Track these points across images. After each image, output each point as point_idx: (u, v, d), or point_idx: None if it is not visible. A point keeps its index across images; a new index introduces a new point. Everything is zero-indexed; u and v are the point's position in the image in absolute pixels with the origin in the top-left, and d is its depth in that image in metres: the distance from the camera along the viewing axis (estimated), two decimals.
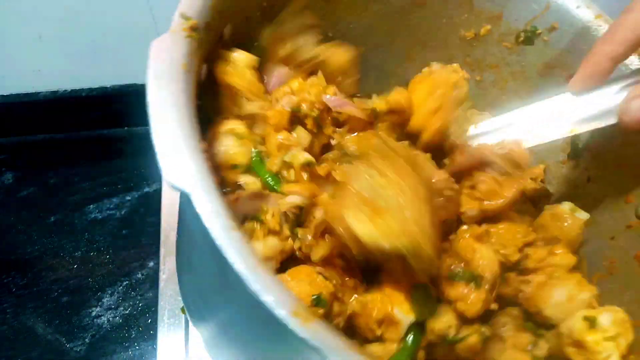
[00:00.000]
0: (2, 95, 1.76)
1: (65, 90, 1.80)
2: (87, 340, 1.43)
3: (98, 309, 1.43)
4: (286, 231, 0.84)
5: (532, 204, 1.21)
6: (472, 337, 0.84)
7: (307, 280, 0.77)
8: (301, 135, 0.97)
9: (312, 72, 1.06)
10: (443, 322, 0.84)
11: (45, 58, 1.71)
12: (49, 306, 1.48)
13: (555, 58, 1.20)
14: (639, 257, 1.00)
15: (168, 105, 0.70)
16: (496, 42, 1.30)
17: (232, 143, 0.92)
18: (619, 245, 1.06)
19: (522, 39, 1.25)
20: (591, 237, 1.15)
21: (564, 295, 0.93)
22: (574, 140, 1.20)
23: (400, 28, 1.33)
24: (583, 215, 1.20)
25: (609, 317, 0.87)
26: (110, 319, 1.42)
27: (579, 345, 0.87)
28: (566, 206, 1.20)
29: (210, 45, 0.93)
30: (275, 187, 0.88)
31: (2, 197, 1.71)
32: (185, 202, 0.69)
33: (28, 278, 1.53)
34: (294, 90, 0.95)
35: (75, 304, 1.44)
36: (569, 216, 1.10)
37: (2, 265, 1.56)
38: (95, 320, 1.45)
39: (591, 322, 0.87)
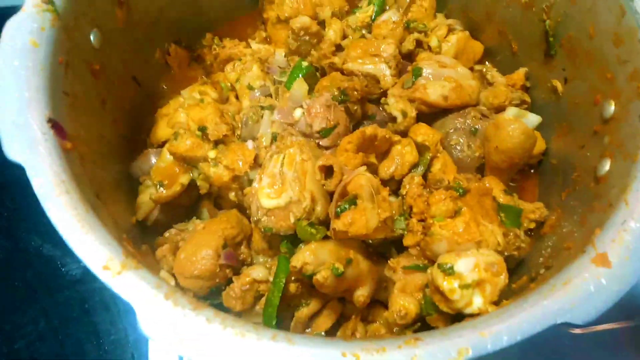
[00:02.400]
0: None
1: None
2: (82, 262, 1.66)
3: None
4: None
5: None
6: (322, 272, 0.95)
7: None
8: None
9: None
10: (297, 260, 0.97)
11: None
12: (42, 229, 1.55)
13: None
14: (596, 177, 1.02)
15: (11, 83, 0.84)
16: None
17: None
18: (586, 155, 1.12)
19: None
20: (566, 149, 1.23)
21: (443, 248, 0.99)
22: (547, 34, 1.24)
23: None
24: (532, 119, 1.24)
25: (468, 263, 0.92)
26: None
27: (440, 292, 0.93)
28: (510, 112, 1.23)
29: (96, 7, 1.04)
30: None
31: None
32: None
33: (16, 201, 1.61)
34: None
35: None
36: (512, 123, 1.13)
37: None
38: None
39: (447, 269, 0.92)
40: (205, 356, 0.68)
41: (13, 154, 0.80)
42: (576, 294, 0.74)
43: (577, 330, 1.47)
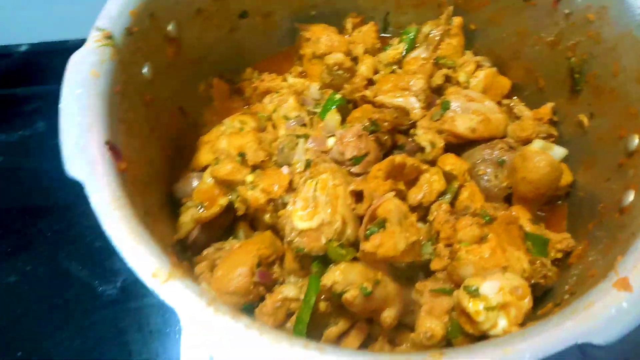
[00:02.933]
0: None
1: None
2: (118, 284, 1.63)
3: None
4: None
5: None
6: (351, 291, 1.00)
7: None
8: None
9: None
10: (327, 279, 1.02)
11: None
12: (83, 251, 1.63)
13: None
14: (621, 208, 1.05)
15: (74, 109, 0.93)
16: None
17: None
18: (611, 187, 1.15)
19: None
20: (592, 181, 1.27)
21: (470, 273, 1.02)
22: (572, 72, 1.30)
23: None
24: (558, 152, 1.27)
25: (494, 286, 0.95)
26: None
27: (466, 314, 0.96)
28: (536, 144, 1.27)
29: (149, 44, 1.15)
30: None
31: (35, 144, 1.86)
32: None
33: (62, 224, 1.68)
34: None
35: (107, 249, 1.70)
36: (538, 155, 1.17)
37: (38, 211, 1.73)
38: (126, 265, 1.72)
39: (473, 291, 0.95)
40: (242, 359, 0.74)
41: (74, 172, 0.89)
42: (598, 316, 0.76)
43: None
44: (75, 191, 0.89)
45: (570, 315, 0.78)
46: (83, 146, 0.91)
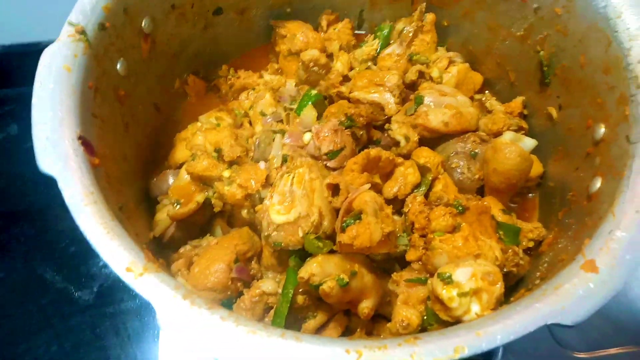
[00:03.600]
0: None
1: None
2: (95, 289, 1.59)
3: None
4: None
5: None
6: (328, 282, 1.01)
7: None
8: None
9: None
10: (304, 271, 1.02)
11: None
12: (57, 255, 1.63)
13: None
14: (589, 195, 1.08)
15: (46, 103, 0.92)
16: None
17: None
18: (580, 176, 1.18)
19: None
20: (562, 171, 1.30)
21: (444, 262, 1.04)
22: (541, 65, 1.33)
23: None
24: (528, 143, 1.31)
25: (466, 273, 0.97)
26: None
27: (440, 301, 0.98)
28: (507, 136, 1.30)
29: (123, 39, 1.14)
30: None
31: (8, 147, 1.85)
32: None
33: (37, 228, 1.68)
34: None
35: (82, 254, 1.58)
36: (509, 146, 1.20)
37: (11, 215, 1.71)
38: (102, 270, 1.59)
39: (446, 278, 0.97)
40: (219, 351, 0.74)
41: (46, 167, 0.88)
42: (566, 298, 0.79)
43: (583, 355, 1.52)
44: (49, 195, 0.93)
45: (540, 297, 0.80)
46: (55, 141, 0.90)
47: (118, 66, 1.14)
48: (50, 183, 0.87)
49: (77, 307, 1.56)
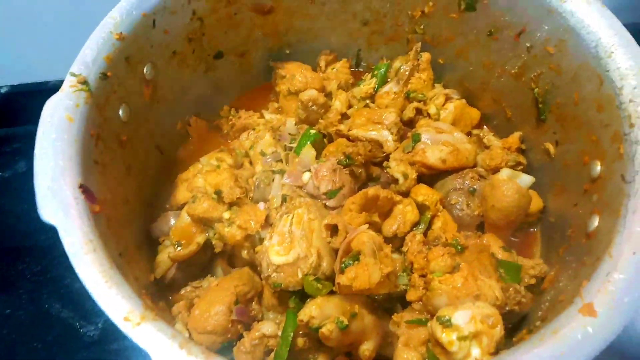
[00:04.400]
0: None
1: None
2: (100, 325, 1.58)
3: None
4: None
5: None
6: (327, 325, 0.99)
7: None
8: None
9: None
10: (304, 314, 1.02)
11: None
12: (63, 292, 1.63)
13: (499, 19, 1.36)
14: (587, 233, 1.07)
15: (48, 153, 0.94)
16: (443, 15, 1.48)
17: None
18: (578, 212, 1.17)
19: (463, 6, 1.43)
20: (561, 207, 1.29)
21: (444, 302, 1.03)
22: (537, 101, 1.34)
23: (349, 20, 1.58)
24: (525, 180, 1.31)
25: (465, 316, 0.96)
26: None
27: (440, 345, 0.97)
28: (504, 173, 1.30)
29: (125, 87, 1.17)
30: None
31: (15, 185, 1.87)
32: None
33: (42, 265, 1.68)
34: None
35: (87, 290, 1.70)
36: (506, 183, 1.20)
37: (17, 252, 1.72)
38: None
39: (445, 322, 0.96)
40: None
41: (47, 216, 0.89)
42: (565, 342, 0.78)
43: None
44: (55, 232, 0.96)
45: (538, 342, 0.79)
46: (56, 190, 0.92)
47: (120, 113, 1.17)
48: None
49: (82, 344, 1.56)
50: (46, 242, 1.71)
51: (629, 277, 0.83)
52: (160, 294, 1.21)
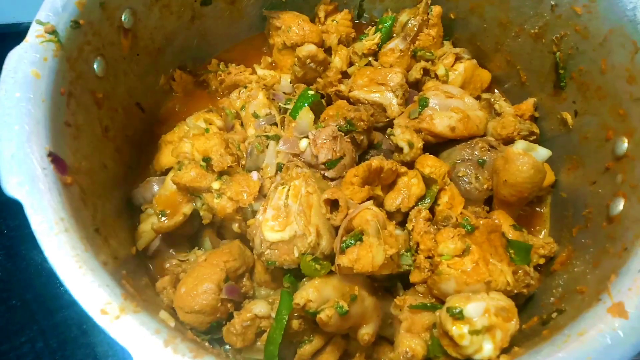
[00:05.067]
0: None
1: None
2: None
3: None
4: None
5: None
6: (326, 311, 0.92)
7: None
8: None
9: None
10: (300, 297, 0.94)
11: None
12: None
13: None
14: (609, 217, 0.99)
15: (11, 116, 0.82)
16: None
17: None
18: (598, 192, 1.09)
19: None
20: (576, 183, 1.21)
21: (452, 288, 0.96)
22: (557, 66, 1.23)
23: None
24: (542, 153, 1.22)
25: (478, 308, 0.89)
26: None
27: (449, 337, 0.90)
28: (519, 145, 1.20)
29: (100, 37, 1.02)
30: None
31: None
32: None
33: (20, 219, 1.56)
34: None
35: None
36: (522, 157, 1.09)
37: None
38: None
39: (456, 314, 0.89)
40: None
41: (11, 190, 0.78)
42: (592, 346, 0.71)
43: None
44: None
45: (563, 344, 0.72)
46: (21, 159, 0.80)
47: (95, 67, 1.03)
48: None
49: (64, 302, 1.49)
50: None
51: None
52: (143, 268, 1.12)
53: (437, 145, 1.25)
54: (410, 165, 1.20)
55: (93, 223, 0.90)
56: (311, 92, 1.26)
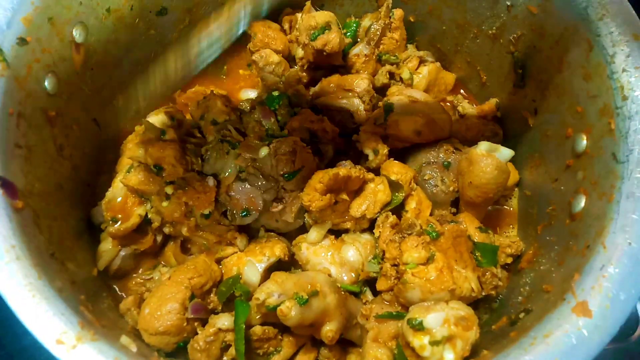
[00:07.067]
0: None
1: None
2: None
3: None
4: None
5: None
6: (286, 302, 0.92)
7: None
8: None
9: None
10: (261, 291, 0.94)
11: None
12: None
13: None
14: (572, 214, 1.00)
15: None
16: None
17: None
18: (560, 189, 1.10)
19: None
20: (539, 180, 1.22)
21: (417, 296, 0.96)
22: (515, 66, 1.25)
23: None
24: (505, 153, 1.20)
25: (438, 318, 0.89)
26: None
27: (411, 348, 0.90)
28: (482, 147, 1.20)
29: (50, 53, 0.99)
30: None
31: None
32: None
33: None
34: None
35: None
36: (485, 158, 1.10)
37: None
38: None
39: (416, 325, 0.89)
40: None
41: None
42: (558, 348, 0.71)
43: None
44: None
45: (529, 348, 0.72)
46: None
47: (46, 84, 0.99)
48: None
49: None
50: None
51: (625, 271, 0.76)
52: (105, 289, 1.09)
53: (403, 149, 1.26)
54: (377, 171, 1.19)
55: (48, 247, 0.87)
56: (276, 93, 1.23)
